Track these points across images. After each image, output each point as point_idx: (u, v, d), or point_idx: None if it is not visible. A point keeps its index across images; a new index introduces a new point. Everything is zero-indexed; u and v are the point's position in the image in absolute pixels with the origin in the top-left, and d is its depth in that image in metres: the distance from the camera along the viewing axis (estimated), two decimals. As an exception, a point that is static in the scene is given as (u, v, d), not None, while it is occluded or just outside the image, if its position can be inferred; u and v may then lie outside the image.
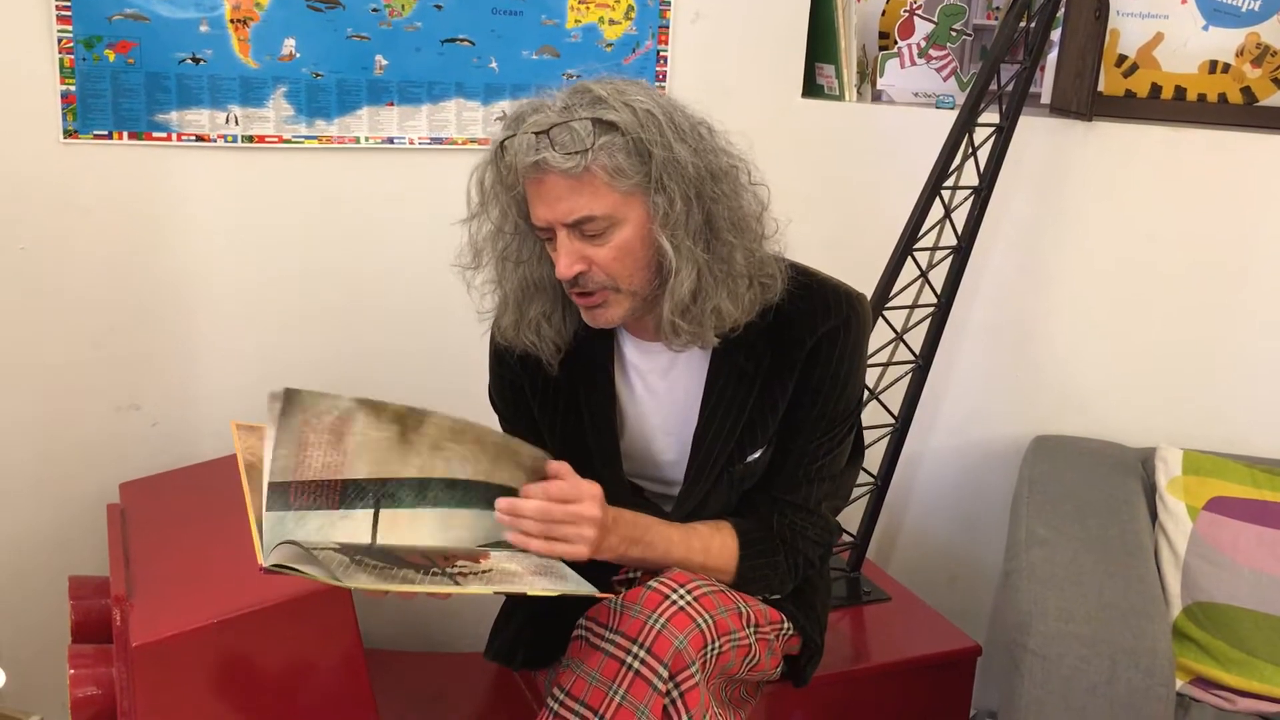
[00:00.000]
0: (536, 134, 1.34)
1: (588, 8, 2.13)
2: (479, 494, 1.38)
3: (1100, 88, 2.14)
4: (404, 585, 1.24)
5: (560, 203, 1.36)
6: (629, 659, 1.35)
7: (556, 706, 1.38)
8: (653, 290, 1.44)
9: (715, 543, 1.51)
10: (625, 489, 1.57)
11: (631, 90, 1.38)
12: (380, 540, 1.31)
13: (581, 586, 1.32)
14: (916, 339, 2.10)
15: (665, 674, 1.35)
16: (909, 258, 2.01)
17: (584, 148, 1.33)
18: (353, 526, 1.31)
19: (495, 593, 1.29)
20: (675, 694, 1.36)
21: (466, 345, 1.68)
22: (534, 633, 1.64)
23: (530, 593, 1.29)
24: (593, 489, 1.37)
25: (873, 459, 2.10)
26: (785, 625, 1.58)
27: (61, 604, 1.75)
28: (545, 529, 1.35)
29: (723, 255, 1.41)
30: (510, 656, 1.69)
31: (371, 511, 1.33)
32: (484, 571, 1.30)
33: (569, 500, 1.36)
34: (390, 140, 2.07)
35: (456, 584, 1.26)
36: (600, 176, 1.35)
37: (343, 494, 1.30)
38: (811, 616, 1.63)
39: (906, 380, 2.12)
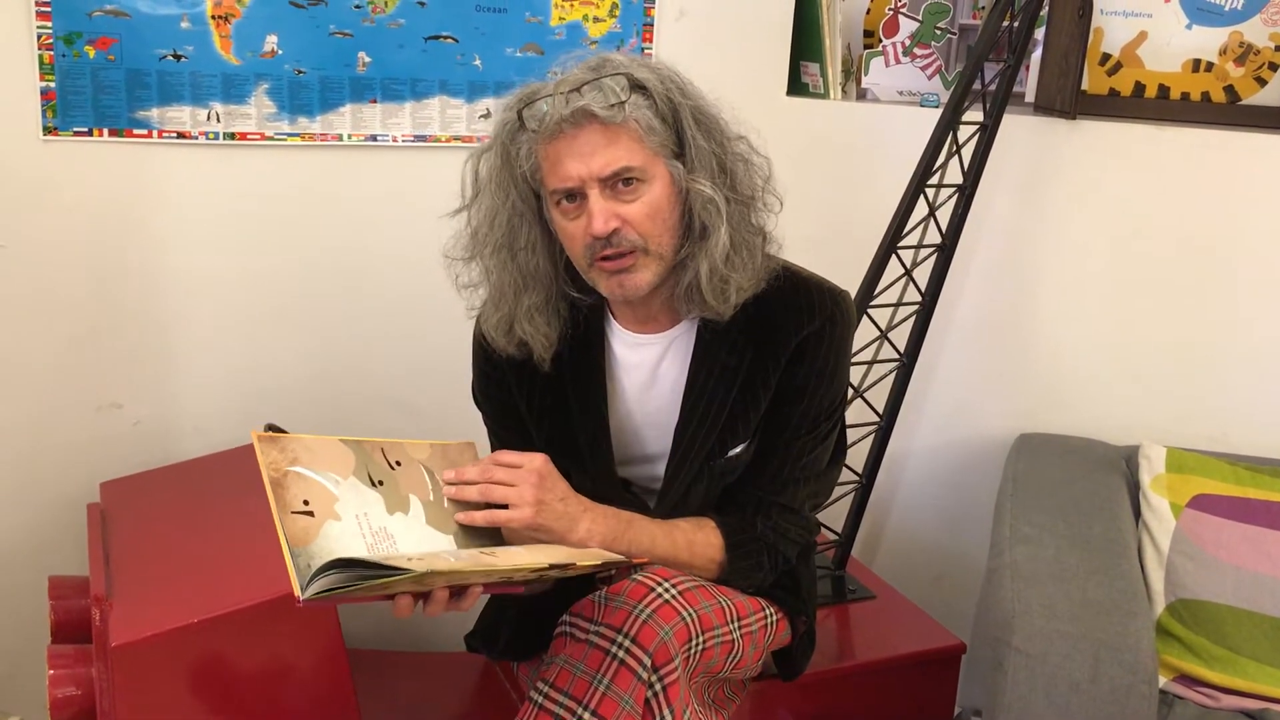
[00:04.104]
0: (568, 92, 1.36)
1: (572, 5, 2.13)
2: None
3: (1084, 86, 2.14)
4: (483, 570, 1.24)
5: (596, 155, 1.37)
6: (614, 648, 1.35)
7: (540, 699, 1.38)
8: (675, 256, 1.44)
9: (699, 539, 1.51)
10: (616, 483, 1.57)
11: (646, 60, 1.44)
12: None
13: (614, 557, 1.35)
14: (901, 337, 2.10)
15: (649, 664, 1.35)
16: (893, 256, 2.01)
17: (621, 100, 1.36)
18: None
19: (551, 566, 1.29)
20: (658, 687, 1.36)
21: (451, 343, 1.67)
22: (518, 621, 1.64)
23: (581, 564, 1.30)
24: (535, 460, 1.40)
25: (858, 457, 2.10)
26: (769, 613, 1.58)
27: (41, 604, 1.73)
28: (486, 490, 1.38)
29: (746, 216, 1.45)
30: (492, 642, 1.69)
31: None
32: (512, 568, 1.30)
33: (512, 465, 1.39)
34: (373, 138, 2.06)
35: (515, 566, 1.27)
36: (634, 130, 1.37)
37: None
38: (798, 599, 1.63)
39: (891, 378, 2.12)
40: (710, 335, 1.50)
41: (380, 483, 1.36)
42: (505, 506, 1.39)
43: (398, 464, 1.40)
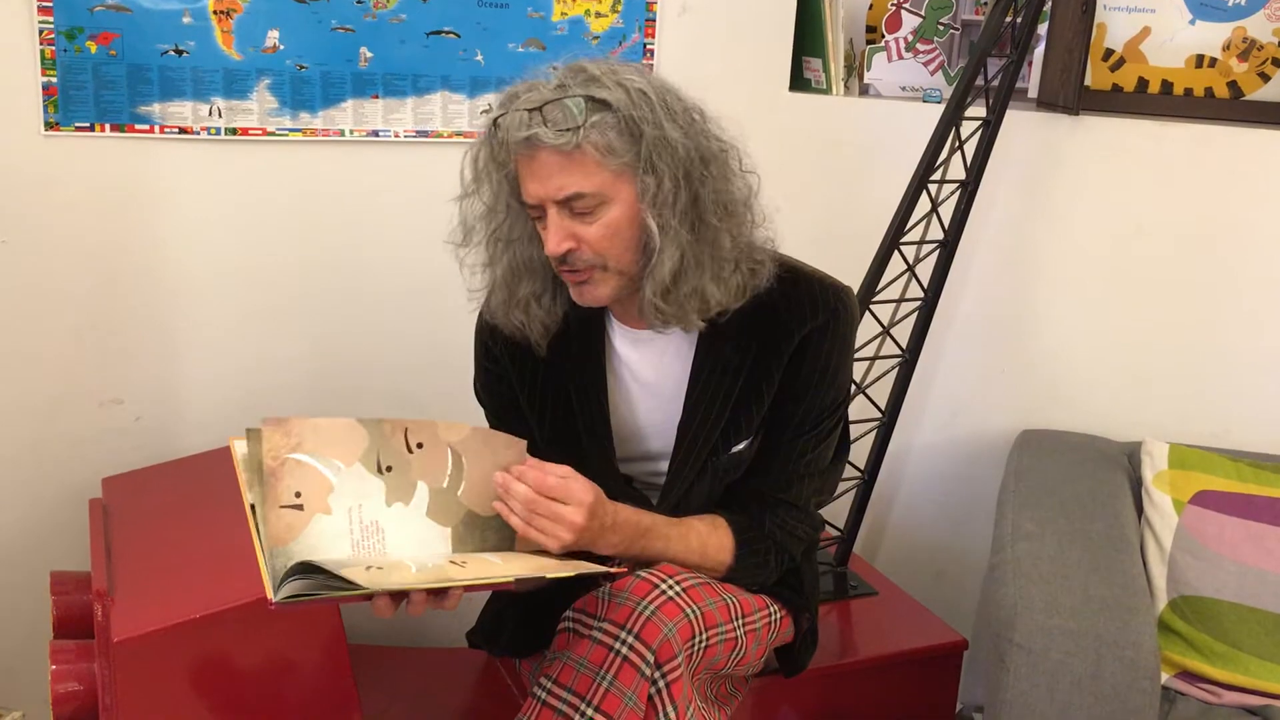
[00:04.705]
0: (529, 110, 1.35)
1: (574, 0, 2.12)
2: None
3: (1087, 82, 2.14)
4: (437, 582, 1.22)
5: (551, 180, 1.37)
6: (617, 645, 1.35)
7: (544, 695, 1.38)
8: (640, 271, 1.43)
9: (712, 541, 1.51)
10: (618, 479, 1.57)
11: (625, 70, 1.40)
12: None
13: (592, 569, 1.33)
14: (903, 333, 2.10)
15: (652, 660, 1.35)
16: (896, 251, 2.01)
17: (576, 125, 1.34)
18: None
19: (516, 580, 1.28)
20: (661, 683, 1.36)
21: (453, 338, 1.67)
22: (520, 619, 1.64)
23: (550, 576, 1.28)
24: (585, 496, 1.36)
25: (860, 453, 2.10)
26: (773, 611, 1.58)
27: (43, 599, 1.73)
28: (528, 516, 1.35)
29: (708, 238, 1.42)
30: (493, 639, 1.69)
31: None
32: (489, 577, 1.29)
33: (557, 499, 1.35)
34: (375, 133, 2.06)
35: (479, 578, 1.25)
36: (591, 154, 1.35)
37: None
38: (801, 596, 1.63)
39: (893, 374, 2.11)
40: (712, 332, 1.49)
41: (389, 469, 1.34)
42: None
43: (419, 446, 1.36)
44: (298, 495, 1.27)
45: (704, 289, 1.42)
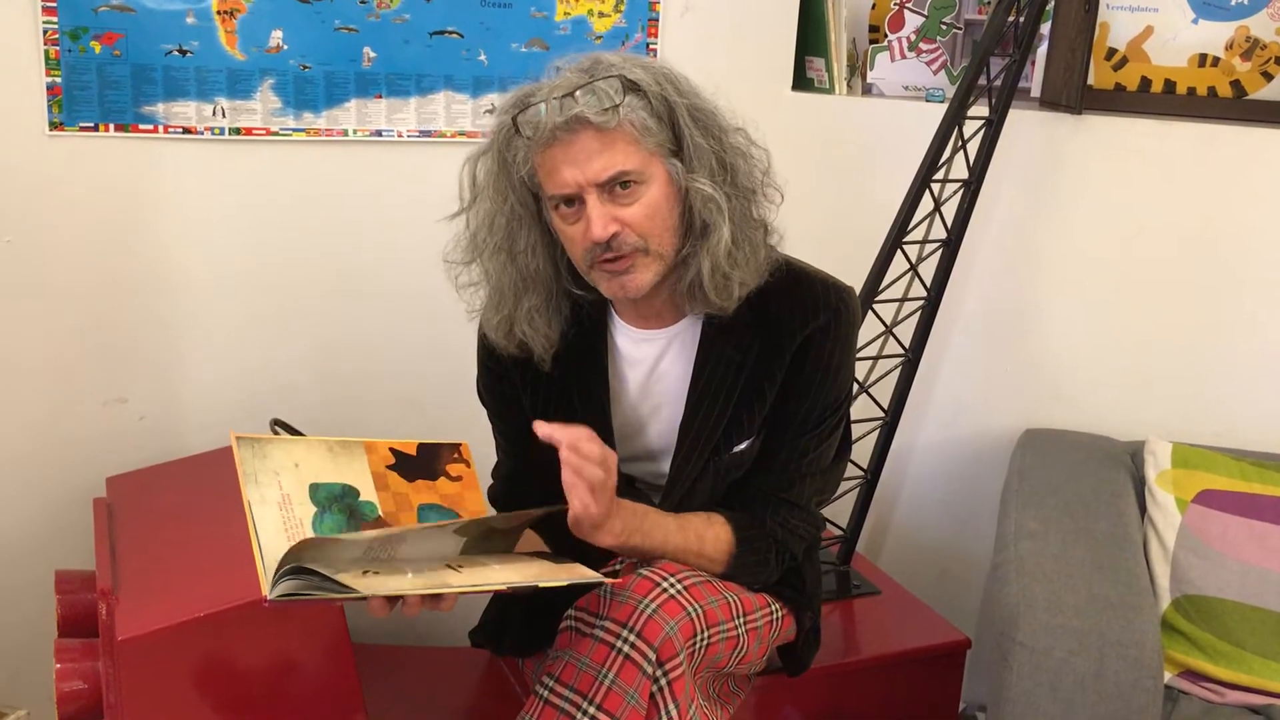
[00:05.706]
0: (561, 98, 1.35)
1: (577, 0, 2.12)
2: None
3: (1090, 81, 2.14)
4: (431, 588, 1.22)
5: (592, 162, 1.37)
6: (619, 643, 1.36)
7: (546, 694, 1.38)
8: (677, 254, 1.44)
9: (709, 534, 1.51)
10: (620, 479, 1.56)
11: (639, 58, 1.43)
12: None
13: (586, 576, 1.32)
14: (906, 332, 2.10)
15: (654, 658, 1.35)
16: (899, 251, 2.01)
17: (615, 103, 1.35)
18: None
19: (509, 588, 1.28)
20: (663, 682, 1.36)
21: (455, 338, 1.67)
22: (522, 618, 1.64)
23: (542, 585, 1.28)
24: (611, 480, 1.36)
25: (863, 452, 2.10)
26: (774, 609, 1.58)
27: (48, 598, 1.74)
28: (578, 469, 1.32)
29: (748, 210, 1.44)
30: (496, 640, 1.70)
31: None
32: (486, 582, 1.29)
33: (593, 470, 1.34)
34: (378, 133, 2.07)
35: (474, 585, 1.26)
36: (630, 132, 1.37)
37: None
38: (804, 595, 1.63)
39: (896, 374, 2.11)
40: (715, 331, 1.50)
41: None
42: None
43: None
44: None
45: (745, 264, 1.43)
